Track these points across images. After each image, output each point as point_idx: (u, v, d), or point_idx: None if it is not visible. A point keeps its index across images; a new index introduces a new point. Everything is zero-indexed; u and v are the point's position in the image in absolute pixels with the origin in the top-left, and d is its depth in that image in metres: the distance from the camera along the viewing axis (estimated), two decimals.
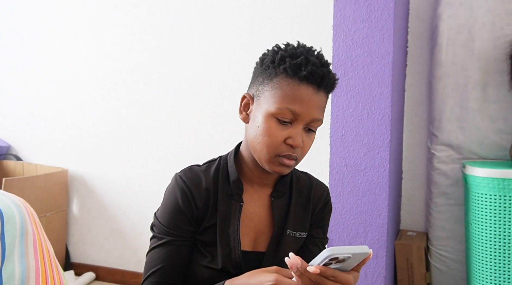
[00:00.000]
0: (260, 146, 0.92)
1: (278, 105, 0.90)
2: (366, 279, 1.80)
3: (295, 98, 0.89)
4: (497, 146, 1.97)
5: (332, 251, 0.72)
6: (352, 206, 1.80)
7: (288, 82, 0.90)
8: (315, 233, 1.06)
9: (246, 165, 1.00)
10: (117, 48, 2.65)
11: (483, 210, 1.76)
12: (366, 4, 1.74)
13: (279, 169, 0.93)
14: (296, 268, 0.75)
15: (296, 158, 0.93)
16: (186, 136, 2.53)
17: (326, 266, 0.75)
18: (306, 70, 0.89)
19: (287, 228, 1.01)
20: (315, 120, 0.92)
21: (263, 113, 0.92)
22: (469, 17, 1.97)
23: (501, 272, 1.74)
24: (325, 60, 0.94)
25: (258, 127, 0.92)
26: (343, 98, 1.79)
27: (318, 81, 0.90)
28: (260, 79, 0.95)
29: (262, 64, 0.96)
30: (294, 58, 0.91)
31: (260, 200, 1.02)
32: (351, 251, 0.74)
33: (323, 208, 1.08)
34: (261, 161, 0.94)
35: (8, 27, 2.93)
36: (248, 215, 1.00)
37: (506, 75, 1.93)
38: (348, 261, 0.76)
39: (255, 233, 1.00)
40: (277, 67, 0.92)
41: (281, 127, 0.91)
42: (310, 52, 0.93)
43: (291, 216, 1.02)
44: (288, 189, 1.04)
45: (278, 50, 0.95)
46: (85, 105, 2.75)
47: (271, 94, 0.91)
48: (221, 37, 2.41)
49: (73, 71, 2.76)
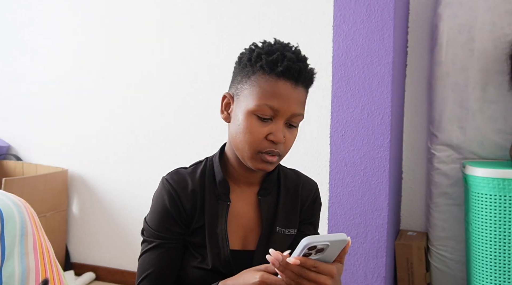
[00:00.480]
0: (242, 144, 0.93)
1: (257, 102, 0.91)
2: (366, 279, 1.80)
3: (274, 94, 0.90)
4: (497, 146, 1.97)
5: (309, 239, 0.72)
6: (352, 206, 1.80)
7: (266, 78, 0.91)
8: (305, 230, 1.06)
9: (231, 165, 1.01)
10: (117, 48, 2.65)
11: (483, 210, 1.76)
12: (366, 4, 1.74)
13: (262, 166, 0.93)
14: (278, 263, 0.76)
15: (279, 154, 0.93)
16: (186, 136, 2.52)
17: (307, 257, 0.75)
18: (282, 65, 0.89)
19: (276, 225, 1.01)
20: (295, 115, 0.93)
21: (243, 111, 0.92)
22: (469, 17, 1.97)
23: (501, 272, 1.74)
24: (302, 55, 0.95)
25: (239, 125, 0.93)
26: (343, 98, 1.79)
27: (296, 76, 0.91)
28: (239, 78, 0.96)
29: (240, 63, 0.97)
30: (270, 55, 0.91)
31: (248, 199, 1.02)
32: (329, 239, 0.74)
33: (312, 204, 1.08)
34: (244, 159, 0.95)
35: (8, 27, 2.93)
36: (236, 215, 1.01)
37: (506, 75, 1.93)
38: (328, 250, 0.76)
39: (244, 232, 1.01)
40: (254, 64, 0.92)
41: (262, 124, 0.91)
42: (286, 48, 0.94)
43: (279, 213, 1.02)
44: (276, 186, 1.05)
45: (255, 48, 0.96)
46: (85, 105, 2.75)
47: (249, 91, 0.92)
48: (221, 37, 2.41)
49: (73, 71, 2.76)
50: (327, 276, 0.77)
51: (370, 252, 1.79)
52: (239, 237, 1.00)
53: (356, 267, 1.82)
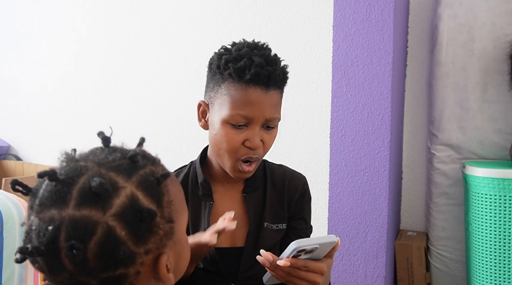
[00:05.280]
0: (221, 152, 0.94)
1: (229, 112, 0.90)
2: (366, 279, 1.80)
3: (245, 103, 0.89)
4: (497, 146, 1.97)
5: (299, 243, 0.74)
6: (352, 206, 1.80)
7: (235, 87, 0.90)
8: (297, 225, 1.06)
9: (214, 166, 1.02)
10: (117, 49, 2.65)
11: (483, 210, 1.76)
12: (366, 4, 1.74)
13: (239, 175, 0.95)
14: (269, 264, 0.78)
15: (257, 158, 0.94)
16: (187, 136, 2.52)
17: (296, 257, 0.77)
18: (250, 73, 0.88)
19: (265, 221, 1.02)
20: (269, 119, 0.92)
21: (218, 120, 0.93)
22: (469, 17, 1.96)
23: (501, 272, 1.74)
24: (272, 57, 0.92)
25: (216, 135, 0.94)
26: (343, 98, 1.79)
27: (265, 81, 0.89)
28: (211, 85, 0.96)
29: (210, 69, 0.96)
30: (237, 61, 0.90)
31: (232, 197, 1.03)
32: (318, 242, 0.76)
33: (301, 199, 1.07)
34: (224, 166, 0.96)
35: (8, 27, 2.93)
36: (221, 213, 1.01)
37: (506, 75, 1.93)
38: (317, 251, 0.77)
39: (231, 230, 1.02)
40: (222, 72, 0.91)
41: (237, 131, 0.91)
42: (254, 52, 0.91)
43: (267, 209, 1.02)
44: (263, 182, 1.05)
45: (223, 53, 0.94)
46: (85, 105, 2.75)
47: (221, 101, 0.92)
48: (221, 38, 2.41)
49: (73, 72, 2.76)
50: (318, 273, 0.79)
51: (370, 252, 1.79)
52: (226, 235, 1.00)
53: (356, 267, 1.82)
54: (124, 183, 0.52)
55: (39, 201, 0.51)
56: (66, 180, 0.51)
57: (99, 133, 0.60)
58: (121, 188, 0.52)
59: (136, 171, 0.54)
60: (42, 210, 0.51)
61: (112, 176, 0.52)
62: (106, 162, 0.54)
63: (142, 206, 0.51)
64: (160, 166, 0.61)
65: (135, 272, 0.52)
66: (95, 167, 0.53)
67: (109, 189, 0.50)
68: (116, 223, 0.50)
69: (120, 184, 0.52)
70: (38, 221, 0.50)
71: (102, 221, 0.49)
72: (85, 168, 0.53)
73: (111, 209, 0.50)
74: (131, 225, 0.50)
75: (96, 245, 0.49)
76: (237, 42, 0.96)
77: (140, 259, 0.52)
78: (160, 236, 0.53)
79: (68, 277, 0.50)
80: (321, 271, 0.79)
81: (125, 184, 0.52)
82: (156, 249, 0.53)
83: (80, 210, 0.49)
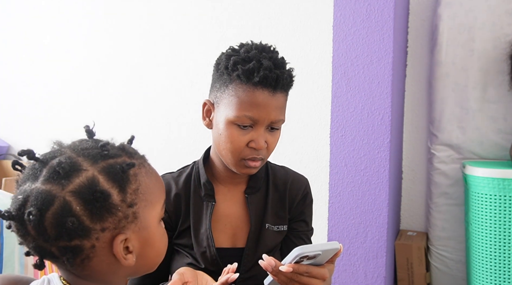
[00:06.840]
0: (225, 151, 0.95)
1: (236, 113, 0.91)
2: (366, 279, 1.80)
3: (252, 104, 0.90)
4: (497, 146, 1.97)
5: (301, 250, 0.74)
6: (352, 206, 1.80)
7: (243, 88, 0.91)
8: (298, 227, 1.07)
9: (217, 167, 1.02)
10: (117, 49, 2.65)
11: (483, 210, 1.76)
12: (366, 4, 1.74)
13: (246, 170, 0.96)
14: (271, 268, 0.78)
15: (262, 158, 0.95)
16: (187, 136, 2.52)
17: (298, 263, 0.77)
18: (259, 75, 0.89)
19: (266, 222, 1.02)
20: (274, 121, 0.93)
21: (223, 120, 0.93)
22: (469, 17, 1.96)
23: (501, 272, 1.74)
24: (280, 61, 0.94)
25: (221, 134, 0.94)
26: (343, 98, 1.79)
27: (273, 84, 0.90)
28: (217, 85, 0.96)
29: (217, 69, 0.97)
30: (246, 63, 0.91)
31: (234, 198, 1.03)
32: (321, 249, 0.76)
33: (302, 201, 1.07)
34: (228, 165, 0.97)
35: (9, 27, 2.93)
36: (223, 213, 1.02)
37: (506, 75, 1.93)
38: (319, 257, 0.78)
39: (232, 230, 1.02)
40: (231, 73, 0.92)
41: (242, 132, 0.92)
42: (263, 54, 0.92)
43: (269, 210, 1.03)
44: (265, 184, 1.05)
45: (231, 54, 0.95)
46: (85, 105, 2.75)
47: (228, 101, 0.92)
48: (221, 38, 2.41)
49: (73, 72, 2.76)
50: (320, 279, 0.79)
51: (370, 252, 1.79)
52: (227, 236, 1.01)
53: (356, 267, 1.82)
54: (88, 166, 0.59)
55: (22, 177, 0.61)
56: (43, 160, 0.61)
57: (84, 126, 0.67)
58: (84, 170, 0.59)
59: (105, 159, 0.61)
60: (21, 183, 0.60)
61: (79, 160, 0.60)
62: (80, 149, 0.62)
63: (99, 188, 0.58)
64: (140, 160, 0.66)
65: (90, 245, 0.58)
66: (67, 152, 0.61)
67: (69, 168, 0.58)
68: (73, 198, 0.57)
69: (83, 167, 0.59)
70: (17, 192, 0.60)
71: (59, 195, 0.57)
72: (60, 152, 0.62)
73: (69, 186, 0.57)
74: (86, 202, 0.57)
75: (52, 215, 0.56)
76: (244, 43, 0.97)
77: (96, 234, 0.58)
78: (119, 218, 0.59)
79: (32, 241, 0.58)
80: (323, 277, 0.79)
81: (89, 167, 0.59)
82: (114, 229, 0.59)
83: (45, 184, 0.58)
